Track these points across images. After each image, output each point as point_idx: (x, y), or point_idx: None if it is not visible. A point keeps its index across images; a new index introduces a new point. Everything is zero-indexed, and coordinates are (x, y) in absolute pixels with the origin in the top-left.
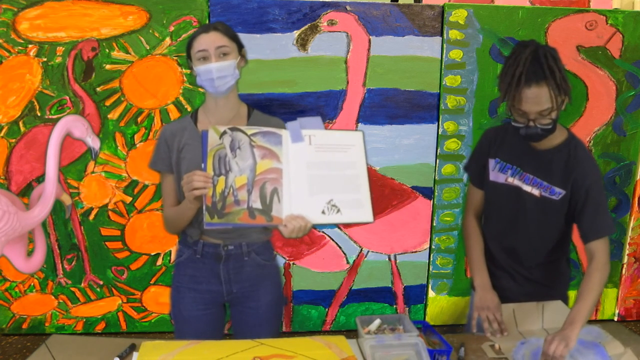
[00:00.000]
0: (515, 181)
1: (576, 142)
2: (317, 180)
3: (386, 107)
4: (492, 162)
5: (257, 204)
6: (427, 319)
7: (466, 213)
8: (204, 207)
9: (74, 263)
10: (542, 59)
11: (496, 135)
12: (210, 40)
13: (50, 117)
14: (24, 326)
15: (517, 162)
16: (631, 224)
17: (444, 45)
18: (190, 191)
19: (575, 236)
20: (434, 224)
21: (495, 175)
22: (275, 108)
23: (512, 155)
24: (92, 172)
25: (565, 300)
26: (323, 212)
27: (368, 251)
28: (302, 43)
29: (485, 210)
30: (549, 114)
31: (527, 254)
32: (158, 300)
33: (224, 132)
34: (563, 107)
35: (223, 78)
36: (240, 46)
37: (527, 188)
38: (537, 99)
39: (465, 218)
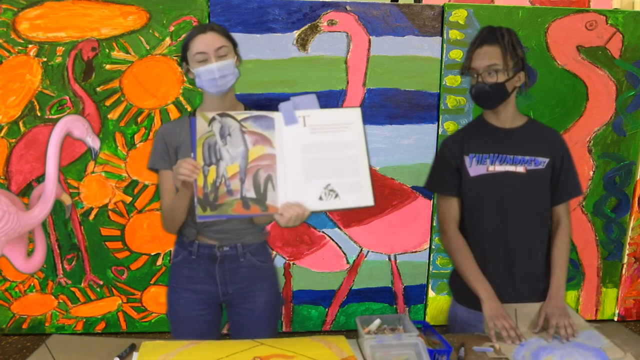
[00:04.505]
0: (497, 167)
1: (536, 121)
2: (313, 164)
3: (386, 107)
4: (467, 159)
5: (250, 193)
6: (427, 319)
7: (446, 227)
8: (195, 200)
9: (74, 263)
10: (497, 30)
11: (463, 136)
12: (209, 41)
13: (50, 117)
14: (24, 326)
15: (493, 149)
16: (631, 224)
17: (444, 45)
18: (177, 176)
19: (575, 235)
20: (434, 224)
21: (476, 169)
22: (275, 108)
23: (485, 145)
24: (92, 172)
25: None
26: (320, 198)
27: (368, 251)
28: (302, 43)
29: (470, 211)
30: (496, 72)
31: (513, 241)
32: (158, 300)
33: (213, 119)
34: (518, 84)
35: (225, 77)
36: (234, 45)
37: (511, 168)
38: (486, 54)
39: (447, 232)
